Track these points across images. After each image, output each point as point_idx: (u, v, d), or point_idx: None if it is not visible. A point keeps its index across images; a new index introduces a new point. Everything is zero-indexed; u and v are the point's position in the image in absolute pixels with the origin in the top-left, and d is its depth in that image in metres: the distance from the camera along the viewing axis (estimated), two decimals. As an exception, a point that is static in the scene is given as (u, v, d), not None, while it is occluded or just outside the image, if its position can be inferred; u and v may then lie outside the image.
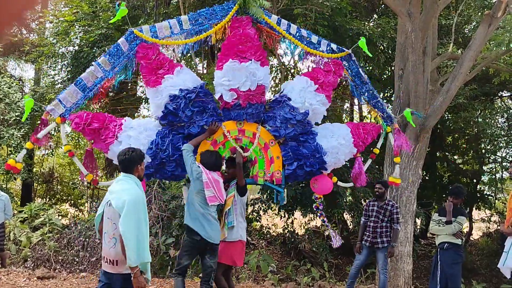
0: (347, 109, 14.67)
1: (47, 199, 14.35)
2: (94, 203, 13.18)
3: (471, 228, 13.52)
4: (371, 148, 5.80)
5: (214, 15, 4.63)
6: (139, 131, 4.49)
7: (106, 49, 10.24)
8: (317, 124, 5.20)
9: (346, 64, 5.16)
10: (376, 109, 5.42)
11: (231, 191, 4.91)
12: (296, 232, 10.67)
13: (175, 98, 4.46)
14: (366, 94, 5.37)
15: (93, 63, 4.35)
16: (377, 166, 11.54)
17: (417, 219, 10.16)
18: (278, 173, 4.84)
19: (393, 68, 10.64)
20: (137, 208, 3.42)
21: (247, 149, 4.84)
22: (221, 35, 4.64)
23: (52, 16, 11.11)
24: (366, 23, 11.18)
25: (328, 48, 5.06)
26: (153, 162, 4.49)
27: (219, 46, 4.98)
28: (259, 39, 4.79)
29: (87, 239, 8.74)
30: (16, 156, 4.16)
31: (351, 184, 5.70)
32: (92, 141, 4.51)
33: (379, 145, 5.59)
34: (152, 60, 4.43)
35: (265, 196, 9.89)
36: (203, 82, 4.77)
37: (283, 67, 11.83)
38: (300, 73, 13.55)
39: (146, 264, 3.45)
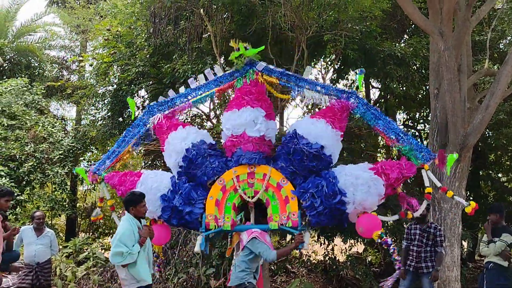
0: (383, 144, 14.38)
1: (90, 233, 14.68)
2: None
3: (522, 249, 12.88)
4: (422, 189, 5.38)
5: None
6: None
7: (143, 85, 10.67)
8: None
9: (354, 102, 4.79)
10: (400, 143, 4.71)
11: None
12: (337, 259, 10.45)
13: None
14: (383, 128, 4.75)
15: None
16: (417, 188, 11.26)
17: (463, 241, 9.78)
18: (294, 214, 4.72)
19: (428, 87, 10.48)
20: (120, 238, 4.41)
21: (257, 193, 4.85)
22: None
23: (91, 58, 11.65)
24: (397, 43, 11.13)
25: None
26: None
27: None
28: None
29: (130, 272, 8.86)
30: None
31: (395, 217, 5.15)
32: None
33: (427, 182, 4.72)
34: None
35: (303, 223, 9.79)
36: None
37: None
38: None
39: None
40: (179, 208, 4.81)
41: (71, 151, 11.43)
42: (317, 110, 11.45)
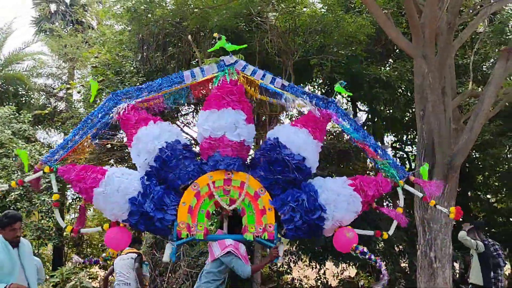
0: (371, 163, 14.53)
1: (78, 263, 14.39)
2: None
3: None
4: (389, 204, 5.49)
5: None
6: (125, 175, 4.47)
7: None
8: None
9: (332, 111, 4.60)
10: (382, 158, 4.61)
11: None
12: (329, 283, 10.34)
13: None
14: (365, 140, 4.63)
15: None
16: (407, 210, 11.27)
17: (455, 263, 9.73)
18: (270, 226, 4.41)
19: (413, 109, 10.64)
20: None
21: (233, 202, 4.48)
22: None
23: (79, 85, 11.66)
24: (382, 67, 11.33)
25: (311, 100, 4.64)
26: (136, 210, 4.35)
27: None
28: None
29: (118, 302, 8.66)
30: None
31: (371, 233, 4.83)
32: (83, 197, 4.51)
33: (401, 202, 4.63)
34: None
35: (294, 247, 9.72)
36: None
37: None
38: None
39: None
40: (149, 214, 4.27)
41: (58, 179, 11.30)
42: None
